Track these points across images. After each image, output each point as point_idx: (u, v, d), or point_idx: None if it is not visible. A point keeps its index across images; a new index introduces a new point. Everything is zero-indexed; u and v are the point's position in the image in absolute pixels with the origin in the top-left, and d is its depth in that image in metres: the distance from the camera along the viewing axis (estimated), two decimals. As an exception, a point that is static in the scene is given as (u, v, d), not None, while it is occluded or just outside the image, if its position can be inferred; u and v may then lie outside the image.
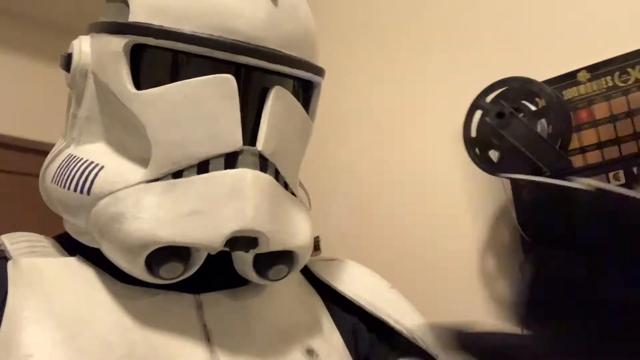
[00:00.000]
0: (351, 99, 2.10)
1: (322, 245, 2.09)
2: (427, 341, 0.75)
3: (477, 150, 1.52)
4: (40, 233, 0.72)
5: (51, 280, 0.62)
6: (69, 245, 0.69)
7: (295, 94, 0.68)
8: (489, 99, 1.52)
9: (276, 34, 0.64)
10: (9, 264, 0.63)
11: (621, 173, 1.55)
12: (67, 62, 0.69)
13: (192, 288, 0.67)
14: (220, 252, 0.63)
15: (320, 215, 0.65)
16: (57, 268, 0.64)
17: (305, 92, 0.72)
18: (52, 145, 0.72)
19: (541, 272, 0.47)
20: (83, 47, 0.68)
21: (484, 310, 1.72)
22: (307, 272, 0.79)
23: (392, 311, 0.77)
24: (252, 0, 0.63)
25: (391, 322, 0.75)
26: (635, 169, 1.52)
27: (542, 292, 0.46)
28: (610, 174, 1.55)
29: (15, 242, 0.67)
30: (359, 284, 0.79)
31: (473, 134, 1.53)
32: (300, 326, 0.71)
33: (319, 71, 0.71)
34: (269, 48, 0.64)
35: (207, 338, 0.65)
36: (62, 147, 0.70)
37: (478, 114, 1.53)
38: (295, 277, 0.76)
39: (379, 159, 2.04)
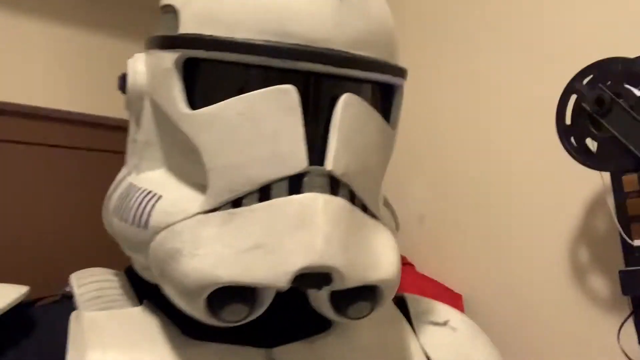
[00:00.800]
0: (438, 90, 1.99)
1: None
2: None
3: (572, 139, 1.39)
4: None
5: (111, 338, 0.59)
6: (138, 283, 0.65)
7: (372, 100, 0.60)
8: (585, 82, 1.37)
9: (343, 34, 0.56)
10: (72, 317, 0.60)
11: None
12: (122, 83, 0.64)
13: (264, 341, 0.61)
14: (295, 294, 0.57)
15: (398, 195, 0.60)
16: (119, 323, 0.60)
17: (385, 97, 0.64)
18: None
19: None
20: (138, 66, 0.63)
21: (573, 304, 1.60)
22: (406, 314, 0.72)
23: None
24: None
25: None
26: None
27: None
28: None
29: (83, 285, 0.64)
30: None
31: (567, 121, 1.40)
32: None
33: (400, 72, 0.63)
34: (335, 50, 0.56)
35: None
36: (124, 175, 0.66)
37: (573, 99, 1.39)
38: (387, 314, 0.69)
39: (463, 144, 1.94)
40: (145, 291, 0.63)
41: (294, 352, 0.61)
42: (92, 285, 0.64)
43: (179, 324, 0.60)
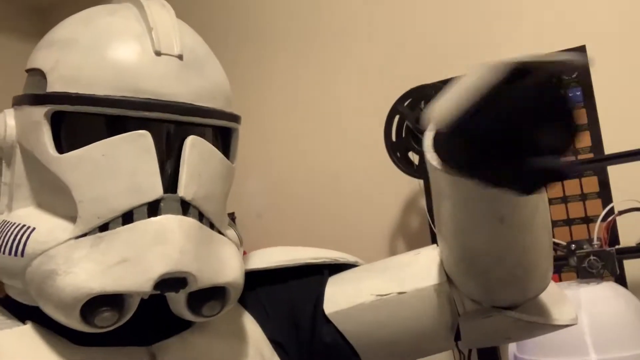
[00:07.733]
0: (277, 94, 2.18)
1: (237, 222, 2.17)
2: (346, 257, 0.87)
3: (397, 153, 1.61)
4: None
5: (10, 354, 0.65)
6: (17, 309, 0.71)
7: (214, 141, 0.73)
8: (406, 104, 1.61)
9: (185, 89, 0.69)
10: None
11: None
12: None
13: (144, 340, 0.71)
14: (161, 298, 0.68)
15: (238, 197, 0.73)
16: (14, 340, 0.67)
17: (224, 138, 0.76)
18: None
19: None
20: (8, 120, 0.71)
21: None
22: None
23: (306, 255, 0.86)
24: (159, 60, 0.68)
25: (312, 261, 0.85)
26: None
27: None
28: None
29: None
30: (271, 255, 0.87)
31: (393, 138, 1.62)
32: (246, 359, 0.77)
33: (233, 118, 0.76)
34: (180, 102, 0.68)
35: None
36: None
37: (397, 119, 1.62)
38: (235, 310, 0.81)
39: (296, 151, 2.13)
40: (25, 314, 0.70)
41: (169, 345, 0.72)
42: None
43: (65, 335, 0.68)
